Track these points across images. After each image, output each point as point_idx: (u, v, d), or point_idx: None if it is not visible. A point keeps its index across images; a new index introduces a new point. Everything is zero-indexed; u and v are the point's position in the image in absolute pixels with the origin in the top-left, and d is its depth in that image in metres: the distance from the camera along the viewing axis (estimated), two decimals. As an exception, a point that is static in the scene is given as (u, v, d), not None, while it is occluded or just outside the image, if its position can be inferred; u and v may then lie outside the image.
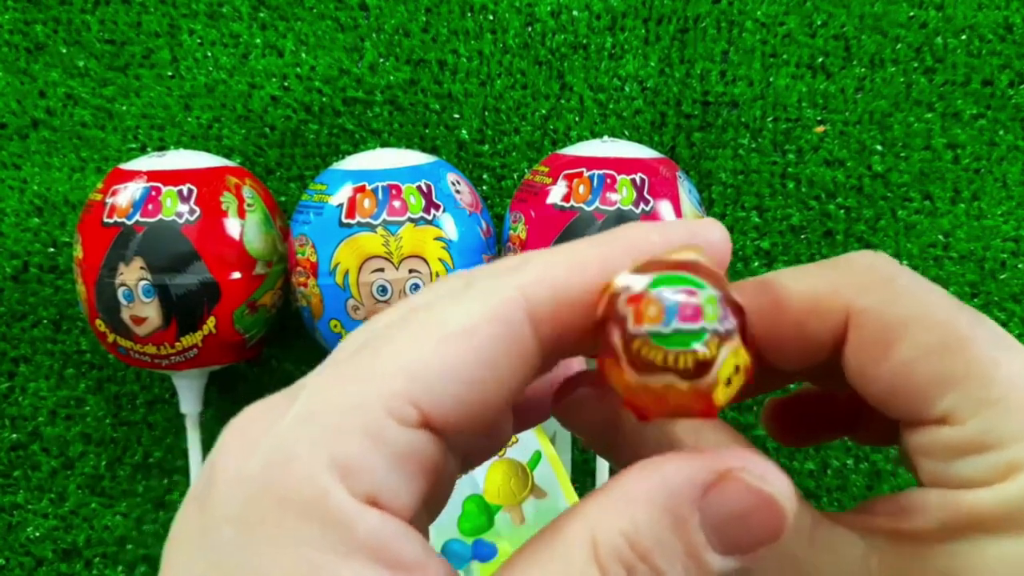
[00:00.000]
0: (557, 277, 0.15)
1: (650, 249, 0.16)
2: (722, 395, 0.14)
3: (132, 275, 0.37)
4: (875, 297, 0.17)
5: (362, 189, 0.37)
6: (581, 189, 0.37)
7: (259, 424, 0.15)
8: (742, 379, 0.14)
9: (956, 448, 0.17)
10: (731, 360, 0.14)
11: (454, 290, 0.16)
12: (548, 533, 0.15)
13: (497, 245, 0.41)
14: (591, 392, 0.18)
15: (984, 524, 0.16)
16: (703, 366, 0.13)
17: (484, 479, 0.40)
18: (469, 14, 0.46)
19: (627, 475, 0.15)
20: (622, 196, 0.37)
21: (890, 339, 0.17)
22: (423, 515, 0.17)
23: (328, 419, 0.14)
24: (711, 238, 0.17)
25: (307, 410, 0.14)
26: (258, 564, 0.13)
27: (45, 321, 0.46)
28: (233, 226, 0.38)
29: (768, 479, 0.15)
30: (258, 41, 0.47)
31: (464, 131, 0.46)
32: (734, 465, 0.15)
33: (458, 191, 0.39)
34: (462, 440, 0.16)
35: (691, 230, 0.17)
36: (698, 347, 0.13)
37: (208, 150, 0.44)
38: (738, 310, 0.14)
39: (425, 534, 0.17)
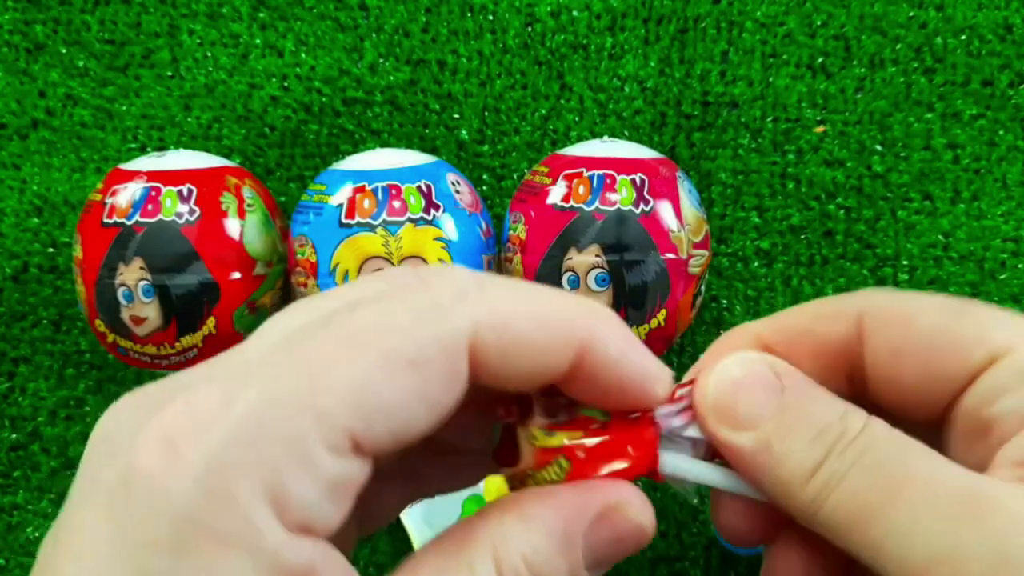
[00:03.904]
0: (510, 326, 0.15)
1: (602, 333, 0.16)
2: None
3: (132, 275, 0.37)
4: (883, 297, 0.18)
5: (362, 189, 0.37)
6: (581, 189, 0.37)
7: (184, 426, 0.14)
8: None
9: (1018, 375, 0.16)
10: (560, 437, 0.18)
11: (408, 312, 0.15)
12: (452, 546, 0.16)
13: (497, 245, 0.41)
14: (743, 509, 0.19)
15: None
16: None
17: (484, 479, 0.40)
18: (469, 14, 0.46)
19: (528, 497, 0.17)
20: (622, 196, 0.37)
21: (909, 314, 0.17)
22: (351, 524, 0.17)
23: (265, 448, 0.14)
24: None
25: (241, 429, 0.14)
26: None
27: (45, 321, 0.46)
28: (233, 226, 0.38)
29: (644, 512, 0.17)
30: (258, 41, 0.47)
31: (464, 131, 0.46)
32: (620, 499, 0.17)
33: (458, 191, 0.39)
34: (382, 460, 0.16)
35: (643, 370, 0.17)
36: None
37: (208, 150, 0.44)
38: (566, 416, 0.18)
39: (350, 540, 0.19)
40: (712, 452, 0.19)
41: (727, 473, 0.18)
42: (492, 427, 0.19)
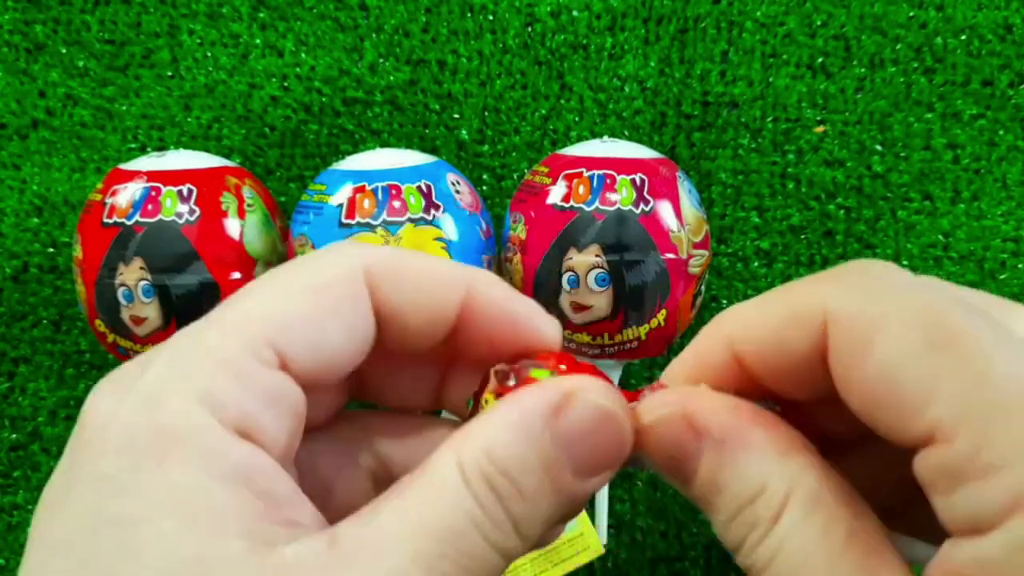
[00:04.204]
0: (400, 262, 0.18)
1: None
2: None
3: (132, 275, 0.37)
4: (853, 295, 0.15)
5: (362, 189, 0.37)
6: (581, 189, 0.37)
7: (128, 375, 0.16)
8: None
9: (953, 473, 0.13)
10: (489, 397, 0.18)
11: (308, 257, 0.18)
12: (419, 468, 0.16)
13: (497, 245, 0.41)
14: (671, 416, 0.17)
15: None
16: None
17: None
18: (469, 14, 0.46)
19: (489, 410, 0.17)
20: (622, 196, 0.37)
21: (868, 338, 0.14)
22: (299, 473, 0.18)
23: (196, 361, 0.15)
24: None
25: (175, 356, 0.16)
26: (140, 490, 0.14)
27: (45, 321, 0.46)
28: (233, 226, 0.38)
29: (606, 395, 0.16)
30: (258, 41, 0.47)
31: (464, 131, 0.46)
32: (576, 385, 0.16)
33: (458, 191, 0.39)
34: (319, 394, 0.18)
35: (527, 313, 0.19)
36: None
37: (208, 150, 0.44)
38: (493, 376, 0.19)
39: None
40: None
41: None
42: (466, 401, 0.19)
